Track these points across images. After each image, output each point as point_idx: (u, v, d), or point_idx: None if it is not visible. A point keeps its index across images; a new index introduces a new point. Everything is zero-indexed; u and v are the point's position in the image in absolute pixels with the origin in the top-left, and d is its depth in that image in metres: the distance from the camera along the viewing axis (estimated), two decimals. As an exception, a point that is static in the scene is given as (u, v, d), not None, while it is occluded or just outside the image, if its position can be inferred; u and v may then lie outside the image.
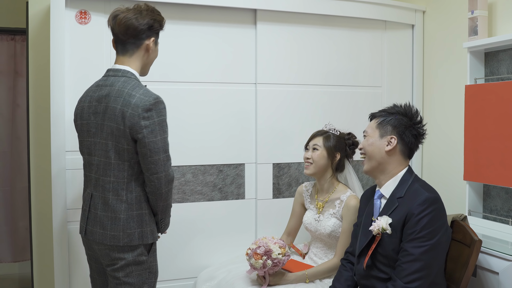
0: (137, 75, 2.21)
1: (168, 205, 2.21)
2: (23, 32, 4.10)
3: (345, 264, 2.38)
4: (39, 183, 3.05)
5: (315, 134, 2.78)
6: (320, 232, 2.67)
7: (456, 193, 3.08)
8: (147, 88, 2.16)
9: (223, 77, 3.07)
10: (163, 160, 2.09)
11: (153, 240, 2.18)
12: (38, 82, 3.02)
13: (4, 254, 4.32)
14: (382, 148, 2.19)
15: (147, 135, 2.05)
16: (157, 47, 2.29)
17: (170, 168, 2.13)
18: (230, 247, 3.10)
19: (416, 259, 1.98)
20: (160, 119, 2.10)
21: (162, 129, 2.09)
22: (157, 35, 2.27)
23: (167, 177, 2.11)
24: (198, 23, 3.00)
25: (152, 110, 2.07)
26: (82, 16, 2.77)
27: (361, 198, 2.44)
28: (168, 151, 2.12)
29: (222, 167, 3.09)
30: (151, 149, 2.06)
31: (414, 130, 2.21)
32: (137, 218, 2.12)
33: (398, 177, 2.19)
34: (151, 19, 2.20)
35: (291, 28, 3.18)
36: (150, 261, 2.18)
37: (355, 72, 3.36)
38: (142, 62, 2.24)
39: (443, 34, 3.31)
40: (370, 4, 3.29)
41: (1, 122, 4.30)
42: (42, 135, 3.02)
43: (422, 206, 2.02)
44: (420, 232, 1.99)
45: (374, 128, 2.24)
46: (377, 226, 2.09)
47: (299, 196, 2.90)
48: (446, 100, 3.27)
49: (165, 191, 2.13)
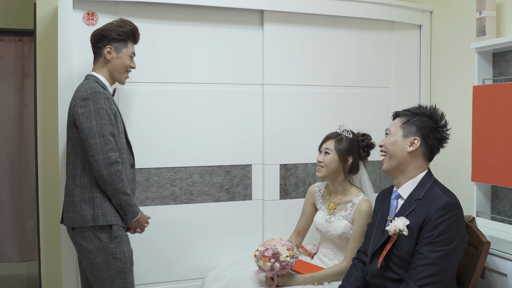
0: (101, 79, 2.46)
1: (116, 190, 2.31)
2: (30, 33, 4.11)
3: (356, 264, 2.36)
4: (46, 184, 3.06)
5: (327, 137, 2.76)
6: (331, 233, 2.66)
7: (464, 194, 3.07)
8: (92, 83, 2.37)
9: (230, 78, 3.07)
10: (99, 144, 2.27)
11: (106, 223, 2.33)
12: (45, 83, 3.03)
13: (12, 254, 4.34)
14: (404, 149, 2.17)
15: (83, 121, 2.29)
16: (121, 55, 2.49)
17: (111, 152, 2.28)
18: (238, 247, 3.10)
19: (432, 263, 1.97)
20: (96, 107, 2.30)
21: (98, 116, 2.29)
22: (118, 43, 2.48)
23: (105, 160, 2.27)
24: (205, 24, 3.00)
25: (88, 99, 2.31)
26: (90, 17, 2.78)
27: (377, 198, 2.42)
28: (108, 136, 2.29)
29: (229, 168, 3.09)
30: (87, 133, 2.28)
31: (438, 133, 2.19)
32: (88, 201, 2.33)
33: (417, 179, 2.17)
34: (106, 29, 2.46)
35: (298, 29, 3.18)
36: (112, 247, 2.34)
37: (362, 73, 3.35)
38: (107, 69, 2.50)
39: (450, 34, 3.29)
40: (377, 5, 3.29)
41: (9, 122, 4.31)
42: (49, 135, 3.03)
43: (442, 210, 2.00)
44: (438, 236, 1.98)
45: (398, 127, 2.22)
46: (394, 226, 2.07)
47: (311, 196, 2.89)
48: (453, 101, 3.26)
49: (106, 173, 2.27)
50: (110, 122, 2.32)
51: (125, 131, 2.52)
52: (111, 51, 2.46)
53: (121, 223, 2.39)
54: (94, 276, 2.37)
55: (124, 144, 2.46)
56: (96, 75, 2.47)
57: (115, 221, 2.35)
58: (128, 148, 2.50)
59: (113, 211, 2.35)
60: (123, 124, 2.47)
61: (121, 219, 2.39)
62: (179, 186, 2.98)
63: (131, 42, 2.53)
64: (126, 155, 2.46)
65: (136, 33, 2.53)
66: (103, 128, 2.28)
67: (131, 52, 2.52)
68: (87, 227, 2.33)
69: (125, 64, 2.50)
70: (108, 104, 2.33)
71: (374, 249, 2.20)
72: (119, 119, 2.43)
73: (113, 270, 2.34)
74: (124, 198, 2.34)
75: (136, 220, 2.44)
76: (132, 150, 2.55)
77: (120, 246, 2.35)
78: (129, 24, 2.51)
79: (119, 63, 2.49)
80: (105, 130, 2.29)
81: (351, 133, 2.72)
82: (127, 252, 2.39)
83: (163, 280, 2.98)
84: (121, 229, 2.38)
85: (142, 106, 2.89)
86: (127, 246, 2.40)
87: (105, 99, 2.32)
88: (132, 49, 2.53)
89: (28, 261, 4.42)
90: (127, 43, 2.50)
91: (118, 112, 2.44)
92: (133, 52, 2.54)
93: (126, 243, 2.39)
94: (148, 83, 2.88)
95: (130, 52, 2.51)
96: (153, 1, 2.82)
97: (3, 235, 4.30)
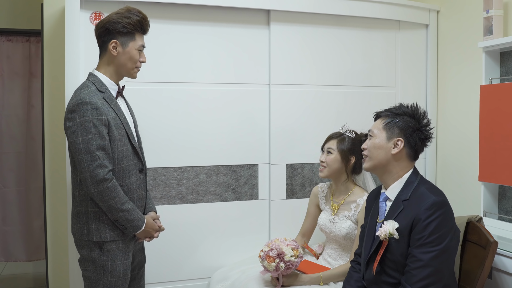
0: (101, 78, 2.27)
1: (109, 208, 2.17)
2: (37, 33, 4.14)
3: (355, 266, 2.35)
4: (54, 183, 3.07)
5: (330, 137, 2.76)
6: (335, 233, 2.66)
7: (471, 194, 3.06)
8: (84, 90, 2.19)
9: (236, 78, 3.08)
10: (85, 161, 2.11)
11: (100, 239, 2.20)
12: (53, 83, 3.05)
13: (19, 253, 4.36)
14: (389, 151, 2.13)
15: (69, 136, 2.14)
16: (128, 49, 2.27)
17: (98, 169, 2.12)
18: (244, 247, 3.10)
19: (426, 265, 1.94)
20: (83, 120, 2.12)
21: (84, 130, 2.11)
22: (124, 37, 2.26)
23: (93, 178, 2.12)
24: (212, 24, 3.01)
25: (75, 111, 2.13)
26: (97, 17, 2.78)
27: (366, 200, 2.40)
28: (94, 152, 2.11)
29: (235, 167, 3.09)
30: (72, 150, 2.15)
31: (421, 133, 2.14)
32: (84, 214, 2.22)
33: (403, 179, 2.14)
34: (111, 21, 2.24)
35: (305, 29, 3.18)
36: (103, 259, 2.21)
37: (369, 73, 3.35)
38: (113, 65, 2.29)
39: (457, 33, 3.28)
40: (384, 4, 3.28)
41: (16, 122, 4.34)
42: (57, 135, 3.04)
43: (429, 210, 1.97)
44: (428, 237, 1.96)
45: (381, 129, 2.17)
46: (384, 231, 2.04)
47: (314, 198, 2.89)
48: (460, 100, 3.25)
49: (95, 191, 2.13)
50: (99, 135, 2.13)
51: (133, 135, 2.35)
52: (116, 46, 2.25)
53: (119, 237, 2.25)
54: (85, 283, 2.29)
55: (128, 151, 2.28)
56: (97, 75, 2.28)
57: (110, 237, 2.21)
58: (135, 153, 2.31)
59: (109, 226, 2.22)
60: (125, 129, 2.27)
61: (120, 232, 2.25)
62: (185, 186, 2.98)
63: (139, 34, 2.30)
64: (131, 162, 2.29)
65: (144, 24, 2.29)
66: (89, 144, 2.11)
67: (139, 45, 2.30)
68: (85, 240, 2.24)
69: (133, 59, 2.28)
70: (97, 115, 2.13)
71: (367, 255, 2.18)
72: (119, 126, 2.24)
73: (102, 283, 2.22)
74: (120, 215, 2.19)
75: (142, 232, 2.30)
76: (139, 155, 2.35)
77: (113, 259, 2.22)
78: (136, 13, 2.27)
79: (126, 59, 2.27)
80: (91, 145, 2.11)
81: (353, 133, 2.72)
82: (121, 265, 2.24)
83: (169, 280, 2.98)
84: (117, 243, 2.24)
85: (148, 105, 2.89)
86: (123, 260, 2.26)
87: (92, 110, 2.12)
88: (141, 41, 2.31)
89: (35, 261, 4.44)
90: (135, 35, 2.27)
91: (118, 118, 2.25)
92: (142, 45, 2.31)
93: (121, 256, 2.25)
94: (155, 83, 2.89)
95: (138, 45, 2.29)
96: (159, 1, 2.83)
97: (10, 234, 4.33)
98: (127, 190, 2.26)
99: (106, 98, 2.23)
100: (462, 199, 3.14)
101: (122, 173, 2.25)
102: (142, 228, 2.29)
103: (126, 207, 2.20)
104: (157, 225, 2.41)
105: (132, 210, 2.23)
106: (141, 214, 2.31)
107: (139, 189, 2.35)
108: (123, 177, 2.25)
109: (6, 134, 4.31)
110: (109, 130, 2.18)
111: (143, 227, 2.29)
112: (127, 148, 2.27)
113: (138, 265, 2.50)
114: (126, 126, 2.28)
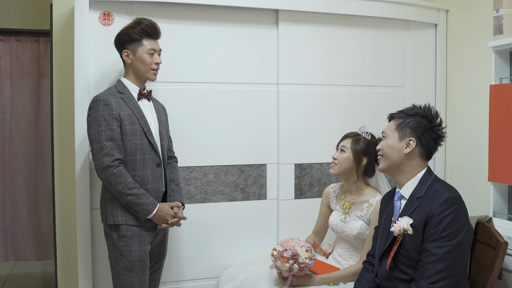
0: (125, 82, 2.55)
1: (118, 192, 2.40)
2: (46, 33, 4.16)
3: (367, 267, 2.36)
4: (63, 183, 3.09)
5: (346, 135, 2.75)
6: (346, 233, 2.65)
7: (481, 194, 3.04)
8: (104, 91, 2.51)
9: (245, 77, 3.08)
10: (96, 150, 2.39)
11: (113, 222, 2.44)
12: (62, 83, 3.06)
13: (28, 252, 4.39)
14: (401, 151, 2.16)
15: (87, 129, 2.46)
16: (138, 55, 2.51)
17: (105, 158, 2.37)
18: (252, 247, 3.10)
19: (440, 259, 1.96)
20: (96, 114, 2.41)
21: (96, 123, 2.40)
22: (133, 44, 2.51)
23: (100, 165, 2.39)
24: (220, 24, 3.01)
25: (91, 108, 2.45)
26: (106, 17, 2.79)
27: (381, 201, 2.42)
28: (103, 142, 2.38)
29: (244, 167, 3.09)
30: (89, 140, 2.44)
31: (433, 132, 2.17)
32: (102, 201, 2.52)
33: (417, 178, 2.17)
34: (120, 34, 2.52)
35: (313, 28, 3.18)
36: (120, 245, 2.44)
37: (378, 72, 3.34)
38: (131, 72, 2.56)
39: (467, 33, 3.27)
40: (393, 4, 3.27)
41: (26, 122, 4.36)
42: (66, 135, 3.06)
43: (444, 206, 2.00)
44: (442, 232, 1.97)
45: (393, 129, 2.22)
46: (398, 227, 2.07)
47: (325, 198, 2.88)
48: (470, 100, 3.23)
49: (103, 177, 2.40)
50: (109, 127, 2.39)
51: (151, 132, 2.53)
52: (128, 54, 2.52)
53: (133, 222, 2.45)
54: (111, 269, 2.52)
55: (144, 145, 2.48)
56: (122, 80, 2.56)
57: (122, 220, 2.44)
58: (152, 148, 2.51)
59: (122, 211, 2.45)
60: (141, 126, 2.48)
61: (134, 218, 2.45)
62: (194, 186, 2.99)
63: (147, 39, 2.52)
64: (147, 155, 2.49)
65: (149, 29, 2.51)
66: (100, 135, 2.38)
67: (148, 49, 2.51)
68: (104, 224, 2.51)
69: (145, 62, 2.52)
70: (108, 110, 2.40)
71: (381, 251, 2.20)
72: (133, 121, 2.46)
73: (120, 267, 2.45)
74: (128, 199, 2.40)
75: (155, 216, 2.46)
76: (156, 150, 2.53)
77: (128, 245, 2.44)
78: (142, 22, 2.50)
79: (139, 63, 2.52)
80: (101, 136, 2.38)
81: (370, 135, 2.71)
82: (136, 251, 2.45)
83: (178, 279, 2.99)
84: (131, 229, 2.45)
85: (157, 105, 2.90)
86: (139, 246, 2.46)
87: (104, 106, 2.40)
88: (150, 45, 2.52)
89: (44, 260, 4.47)
90: (142, 41, 2.50)
91: (134, 115, 2.47)
92: (151, 48, 2.52)
93: (137, 243, 2.45)
94: (162, 83, 2.89)
95: (146, 49, 2.51)
96: (168, 1, 2.84)
97: (19, 233, 4.36)
98: (141, 181, 2.47)
99: (124, 98, 2.49)
100: (471, 199, 3.12)
101: (136, 164, 2.47)
102: (153, 212, 2.46)
103: (133, 191, 2.40)
104: (173, 211, 2.53)
105: (141, 195, 2.42)
106: (153, 199, 2.47)
107: (155, 181, 2.52)
108: (136, 168, 2.47)
109: (15, 134, 4.34)
110: (121, 124, 2.43)
111: (154, 211, 2.46)
112: (142, 142, 2.48)
113: (155, 258, 2.66)
114: (143, 123, 2.50)
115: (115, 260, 2.46)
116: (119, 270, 2.45)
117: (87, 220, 2.75)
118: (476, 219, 2.36)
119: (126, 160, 2.45)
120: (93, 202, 2.77)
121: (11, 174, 4.33)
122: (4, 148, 4.32)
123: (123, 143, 2.43)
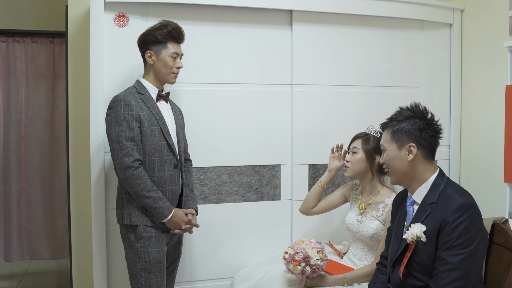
0: (144, 83, 2.57)
1: (135, 194, 2.41)
2: (62, 35, 4.19)
3: (381, 268, 2.34)
4: (78, 183, 3.11)
5: (356, 137, 2.75)
6: (362, 233, 2.64)
7: (496, 195, 3.02)
8: (124, 91, 2.52)
9: (259, 78, 3.08)
10: (116, 150, 2.40)
11: (130, 222, 2.45)
12: (77, 84, 3.08)
13: (43, 251, 4.42)
14: (405, 159, 2.11)
15: (106, 128, 2.47)
16: (161, 57, 2.54)
17: (125, 158, 2.38)
18: (266, 247, 3.10)
19: (455, 267, 1.93)
20: (116, 114, 2.42)
21: (116, 123, 2.40)
22: (157, 46, 2.53)
23: (120, 165, 2.39)
24: (234, 25, 3.02)
25: (111, 108, 2.45)
26: (121, 19, 2.81)
27: (392, 203, 2.39)
28: (123, 142, 2.38)
29: (258, 168, 3.09)
30: (108, 140, 2.45)
31: (429, 130, 2.12)
32: (119, 201, 2.52)
33: (429, 182, 2.12)
34: (146, 34, 2.54)
35: (327, 29, 3.17)
36: (137, 246, 2.45)
37: (392, 73, 3.33)
38: (152, 73, 2.58)
39: (482, 33, 3.24)
40: (407, 4, 3.26)
41: (41, 123, 4.40)
42: (81, 136, 3.08)
43: (457, 213, 1.95)
44: (456, 240, 1.94)
45: (390, 140, 2.16)
46: (411, 234, 2.02)
47: (347, 190, 2.86)
48: (485, 100, 3.21)
49: (123, 178, 2.40)
50: (129, 128, 2.40)
51: (170, 133, 2.54)
52: (151, 55, 2.53)
53: (150, 222, 2.46)
54: (128, 270, 2.52)
55: (162, 146, 2.49)
56: (141, 81, 2.57)
57: (139, 221, 2.45)
58: (170, 150, 2.52)
59: (139, 211, 2.46)
60: (160, 127, 2.49)
61: (150, 220, 2.46)
62: (208, 186, 3.00)
63: (171, 42, 2.54)
64: (165, 157, 2.50)
65: (175, 33, 2.54)
66: (120, 135, 2.39)
67: (172, 52, 2.53)
68: (121, 224, 2.52)
69: (167, 65, 2.54)
70: (128, 111, 2.41)
71: (394, 258, 2.16)
72: (152, 122, 2.48)
73: (137, 268, 2.46)
74: (145, 201, 2.41)
75: (170, 221, 2.47)
76: (174, 152, 2.54)
77: (145, 246, 2.45)
78: (169, 25, 2.52)
79: (161, 65, 2.54)
80: (121, 136, 2.39)
81: (379, 133, 2.70)
82: (154, 253, 2.46)
83: (192, 279, 3.00)
84: (148, 230, 2.46)
85: (171, 106, 2.91)
86: (156, 248, 2.46)
87: (125, 106, 2.41)
88: (174, 49, 2.54)
89: (59, 259, 4.50)
90: (167, 44, 2.53)
91: (154, 116, 2.49)
92: (175, 52, 2.55)
93: (154, 245, 2.46)
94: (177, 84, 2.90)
95: (170, 53, 2.53)
96: (182, 2, 2.85)
97: (35, 233, 4.39)
98: (158, 182, 2.48)
99: (143, 99, 2.51)
100: (487, 200, 3.10)
101: (154, 165, 2.48)
102: (169, 217, 2.46)
103: (151, 194, 2.41)
104: (187, 218, 2.54)
105: (158, 199, 2.43)
106: (169, 204, 2.48)
107: (172, 183, 2.53)
108: (155, 169, 2.48)
109: (31, 134, 4.38)
110: (140, 124, 2.45)
111: (169, 216, 2.46)
112: (160, 143, 2.49)
113: (171, 258, 2.67)
114: (162, 125, 2.51)
115: (133, 261, 2.47)
116: (137, 271, 2.46)
117: (102, 220, 2.77)
118: (492, 220, 2.34)
119: (144, 161, 2.46)
120: (108, 202, 2.79)
121: (26, 174, 4.37)
122: (19, 148, 4.36)
123: (142, 144, 2.45)
